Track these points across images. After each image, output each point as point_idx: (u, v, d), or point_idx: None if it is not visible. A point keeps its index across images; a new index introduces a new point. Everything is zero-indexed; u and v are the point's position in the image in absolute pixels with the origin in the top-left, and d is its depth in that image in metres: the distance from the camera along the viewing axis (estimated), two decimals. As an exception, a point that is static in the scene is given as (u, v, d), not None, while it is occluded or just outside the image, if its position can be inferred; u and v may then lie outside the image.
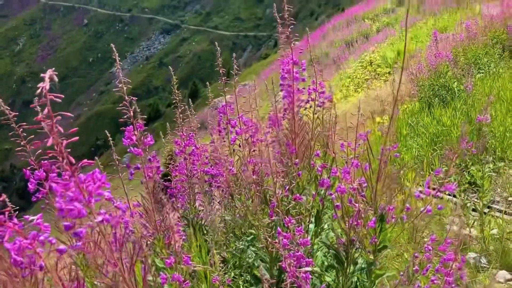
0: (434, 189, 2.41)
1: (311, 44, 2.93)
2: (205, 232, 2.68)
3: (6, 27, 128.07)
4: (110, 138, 2.35)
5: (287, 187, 2.03)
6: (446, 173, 1.99)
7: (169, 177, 2.91)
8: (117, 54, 1.95)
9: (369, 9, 26.63)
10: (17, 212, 1.91)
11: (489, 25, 8.95)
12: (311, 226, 2.27)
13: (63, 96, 1.25)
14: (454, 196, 4.41)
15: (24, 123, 1.96)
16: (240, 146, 2.57)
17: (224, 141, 2.82)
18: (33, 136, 2.00)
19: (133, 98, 2.03)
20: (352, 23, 25.75)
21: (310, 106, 2.65)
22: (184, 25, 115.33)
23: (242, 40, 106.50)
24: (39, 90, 1.17)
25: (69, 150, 1.24)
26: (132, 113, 2.03)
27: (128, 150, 2.13)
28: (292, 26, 2.25)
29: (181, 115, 2.70)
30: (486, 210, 4.11)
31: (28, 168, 2.00)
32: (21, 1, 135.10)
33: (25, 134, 1.99)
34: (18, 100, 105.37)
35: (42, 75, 1.20)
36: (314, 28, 48.78)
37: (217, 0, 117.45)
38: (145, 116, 2.20)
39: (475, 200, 4.22)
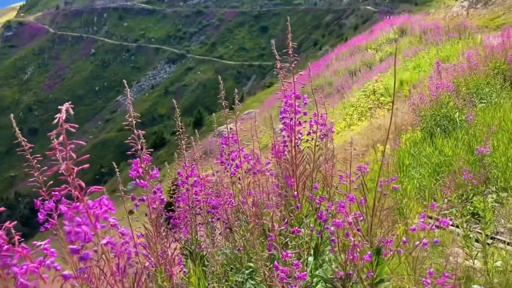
0: (437, 219, 2.43)
1: (315, 73, 2.98)
2: (206, 263, 2.69)
3: (15, 57, 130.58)
4: (117, 169, 2.40)
5: (286, 220, 2.05)
6: (441, 204, 2.02)
7: (172, 207, 2.94)
8: (128, 90, 2.01)
9: (372, 39, 27.01)
10: (22, 239, 1.95)
11: (490, 55, 9.06)
12: (310, 258, 2.28)
13: (77, 126, 1.31)
14: (458, 226, 4.40)
15: (38, 155, 2.02)
16: (240, 179, 2.61)
17: (227, 171, 2.85)
18: (45, 167, 2.05)
19: (142, 131, 2.08)
20: (356, 52, 26.10)
21: (312, 139, 2.69)
22: (189, 55, 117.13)
23: (246, 69, 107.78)
24: (56, 120, 1.23)
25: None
26: (139, 146, 2.08)
27: (134, 182, 2.18)
28: (295, 62, 2.32)
29: (184, 146, 2.75)
30: (489, 241, 4.09)
31: (39, 198, 2.05)
32: (30, 31, 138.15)
33: (39, 165, 2.04)
34: (25, 128, 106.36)
35: (59, 107, 1.27)
36: (317, 57, 49.46)
37: (222, 31, 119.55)
38: (151, 149, 2.25)
39: (478, 231, 4.20)
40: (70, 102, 1.27)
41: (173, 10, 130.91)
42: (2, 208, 1.39)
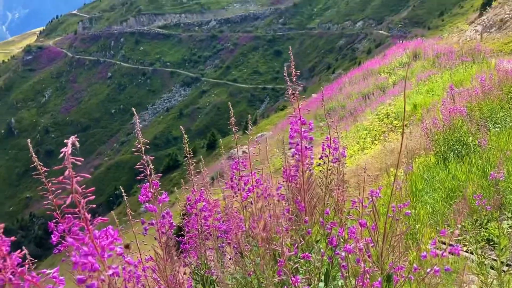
0: (451, 245, 2.40)
1: (328, 96, 3.00)
2: (216, 287, 2.69)
3: (34, 80, 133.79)
4: (124, 194, 2.43)
5: (296, 245, 2.05)
6: (453, 230, 2.00)
7: (182, 232, 2.96)
8: (137, 117, 2.06)
9: (385, 63, 27.09)
10: (35, 261, 1.97)
11: (504, 79, 9.02)
12: (321, 284, 2.26)
13: (83, 159, 1.35)
14: (472, 253, 4.32)
15: (53, 178, 2.05)
16: (252, 203, 2.63)
17: (237, 196, 2.87)
18: (59, 190, 2.09)
19: (150, 157, 2.12)
20: (369, 76, 26.17)
21: (324, 163, 2.70)
22: (204, 78, 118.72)
23: (260, 92, 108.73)
24: (62, 154, 1.26)
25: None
26: (148, 172, 2.12)
27: (143, 206, 2.21)
28: (299, 89, 2.35)
29: (192, 171, 2.78)
30: (505, 269, 4.00)
31: (53, 221, 2.08)
32: (49, 55, 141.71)
33: (53, 189, 2.07)
34: (41, 149, 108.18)
35: (65, 140, 1.30)
36: (330, 80, 49.69)
37: (236, 55, 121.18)
38: (163, 172, 2.29)
39: (494, 258, 4.12)
40: (76, 135, 1.30)
41: (188, 34, 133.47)
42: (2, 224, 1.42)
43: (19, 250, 1.36)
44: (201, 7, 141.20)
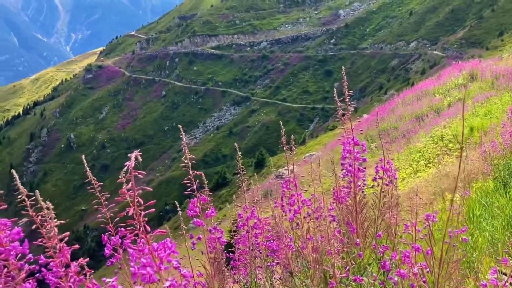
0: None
1: (379, 117, 2.96)
2: (264, 307, 2.67)
3: (93, 97, 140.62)
4: (179, 209, 2.48)
5: (347, 267, 2.01)
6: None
7: (233, 248, 2.97)
8: (184, 135, 2.11)
9: (440, 84, 26.29)
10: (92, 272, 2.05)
11: None
12: (372, 309, 2.20)
13: (145, 173, 1.40)
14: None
15: (107, 192, 2.14)
16: (298, 224, 2.60)
17: (286, 215, 2.85)
18: (113, 203, 2.18)
19: (199, 172, 2.16)
20: (422, 97, 25.46)
21: (378, 185, 2.64)
22: (254, 98, 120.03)
23: (309, 112, 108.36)
24: (125, 168, 1.32)
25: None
26: (195, 187, 2.16)
27: (192, 222, 2.25)
28: (352, 110, 2.33)
29: (244, 188, 2.80)
30: None
31: (106, 233, 2.15)
32: (108, 74, 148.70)
33: (106, 202, 2.16)
34: (97, 164, 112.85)
35: (129, 155, 1.36)
36: (382, 101, 48.81)
37: (286, 75, 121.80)
38: (210, 189, 2.32)
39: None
40: (139, 150, 1.35)
41: (240, 55, 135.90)
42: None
43: (82, 258, 1.42)
44: (253, 28, 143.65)
